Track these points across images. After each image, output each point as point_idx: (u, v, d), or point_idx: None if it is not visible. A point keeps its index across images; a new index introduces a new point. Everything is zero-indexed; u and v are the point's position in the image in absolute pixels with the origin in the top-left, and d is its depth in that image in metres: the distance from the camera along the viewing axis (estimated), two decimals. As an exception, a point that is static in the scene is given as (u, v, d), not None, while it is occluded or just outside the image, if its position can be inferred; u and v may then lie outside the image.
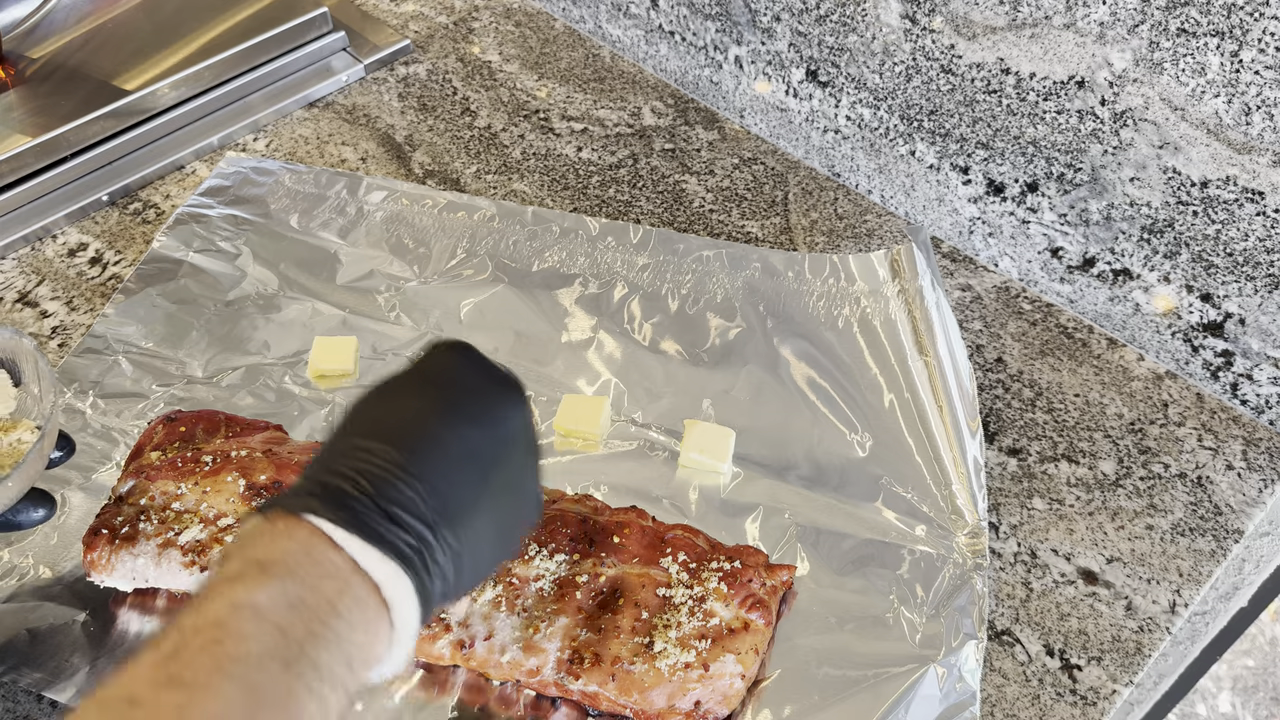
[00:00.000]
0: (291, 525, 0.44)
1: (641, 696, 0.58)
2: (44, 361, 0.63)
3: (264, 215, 0.89)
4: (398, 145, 0.97)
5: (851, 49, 0.85)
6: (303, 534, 0.44)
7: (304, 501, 0.45)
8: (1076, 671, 0.64)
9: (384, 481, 0.46)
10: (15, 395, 0.64)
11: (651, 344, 0.79)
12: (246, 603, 0.41)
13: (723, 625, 0.60)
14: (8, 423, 0.63)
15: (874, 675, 0.61)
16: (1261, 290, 0.71)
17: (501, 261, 0.85)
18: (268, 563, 0.43)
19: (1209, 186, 0.69)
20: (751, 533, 0.69)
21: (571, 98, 1.02)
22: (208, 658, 0.40)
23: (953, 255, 0.87)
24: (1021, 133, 0.78)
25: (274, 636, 0.41)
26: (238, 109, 1.00)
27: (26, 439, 0.62)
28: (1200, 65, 0.65)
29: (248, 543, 0.45)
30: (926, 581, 0.66)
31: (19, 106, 0.93)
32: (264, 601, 0.42)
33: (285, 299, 0.83)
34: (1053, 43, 0.72)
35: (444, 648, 0.60)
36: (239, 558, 0.44)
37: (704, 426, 0.72)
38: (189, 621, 0.41)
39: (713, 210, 0.91)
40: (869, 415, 0.74)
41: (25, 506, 0.61)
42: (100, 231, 0.90)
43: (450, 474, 0.48)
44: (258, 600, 0.42)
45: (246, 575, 0.42)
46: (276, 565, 0.43)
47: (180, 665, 0.40)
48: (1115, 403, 0.77)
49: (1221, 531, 0.70)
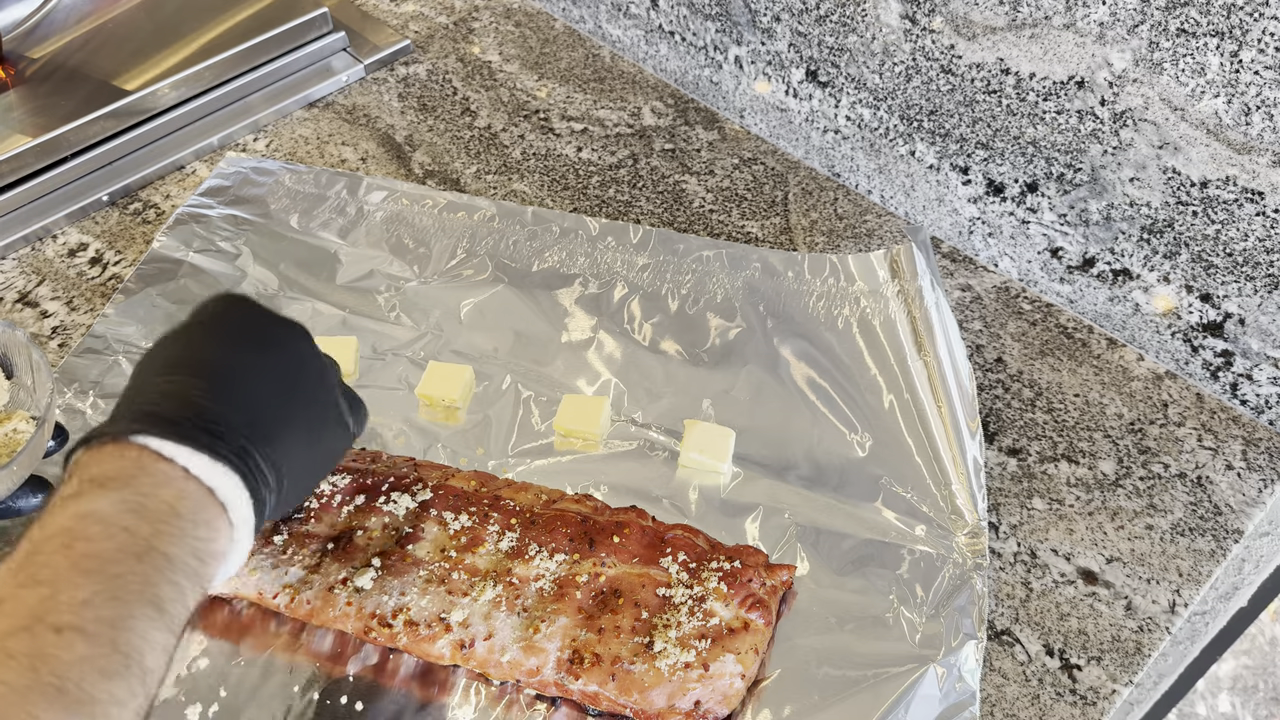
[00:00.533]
0: (120, 447, 0.47)
1: (641, 696, 0.58)
2: (39, 353, 0.64)
3: (264, 215, 0.89)
4: (398, 145, 0.97)
5: (851, 49, 0.85)
6: (132, 453, 0.47)
7: (126, 426, 0.48)
8: (1076, 671, 0.64)
9: (195, 403, 0.49)
10: (8, 388, 0.65)
11: (651, 344, 0.79)
12: (90, 511, 0.44)
13: (722, 625, 0.60)
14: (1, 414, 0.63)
15: (874, 675, 0.61)
16: (1261, 290, 0.71)
17: (501, 261, 0.85)
18: (103, 478, 0.46)
19: (1209, 186, 0.69)
20: (751, 533, 0.69)
21: (571, 98, 1.02)
22: (62, 558, 0.42)
23: (952, 255, 0.87)
24: (1021, 133, 0.78)
25: (122, 536, 0.43)
26: (238, 109, 1.00)
27: (22, 429, 0.63)
28: (1200, 65, 0.65)
29: (80, 468, 0.47)
30: (926, 581, 0.66)
31: (19, 106, 0.93)
32: (106, 509, 0.44)
33: (285, 299, 0.83)
34: (1052, 43, 0.72)
35: (444, 648, 0.60)
36: (75, 479, 0.46)
37: (704, 426, 0.72)
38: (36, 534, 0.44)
39: (713, 210, 0.91)
40: (869, 415, 0.74)
41: (24, 493, 0.63)
42: (100, 231, 0.90)
43: (252, 392, 0.52)
44: (100, 508, 0.44)
45: (84, 492, 0.45)
46: (112, 480, 0.45)
47: (36, 566, 0.42)
48: (1115, 403, 0.77)
49: (1221, 531, 0.70)
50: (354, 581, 0.62)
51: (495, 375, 0.77)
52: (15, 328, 0.65)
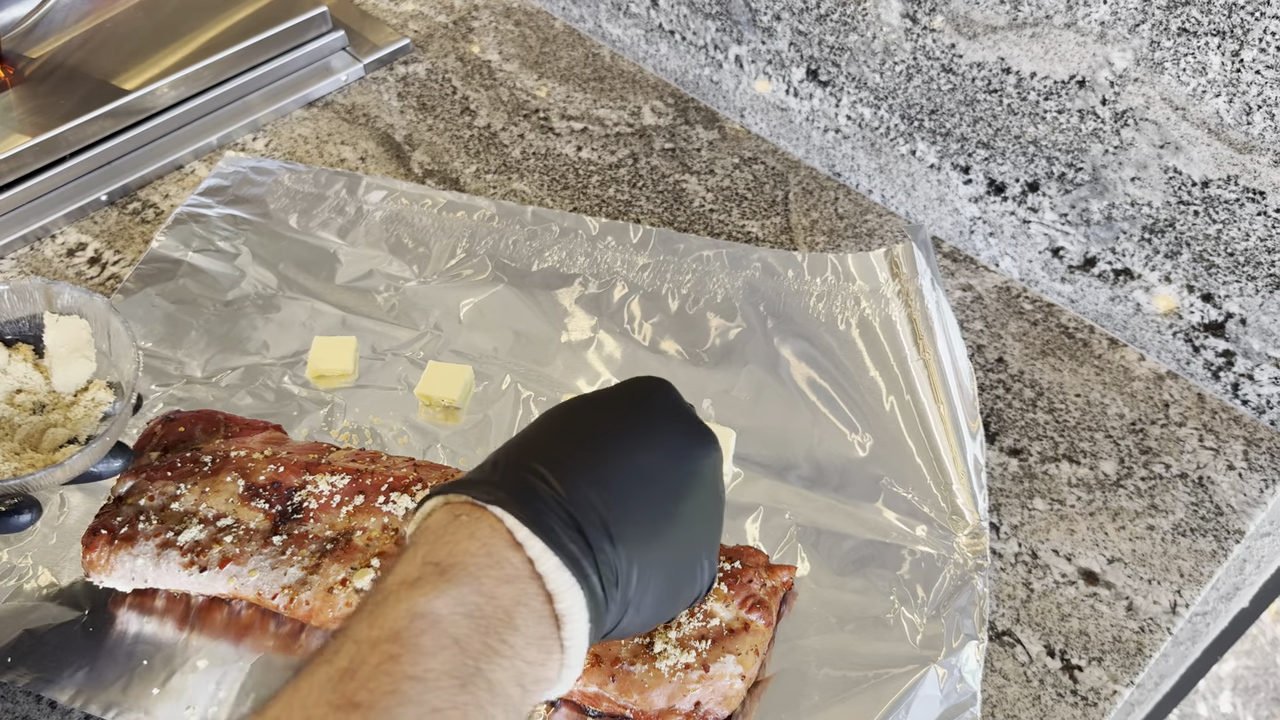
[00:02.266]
0: (474, 520, 0.43)
1: (641, 697, 0.58)
2: (119, 320, 0.64)
3: (263, 215, 0.89)
4: (397, 145, 0.97)
5: (852, 48, 0.85)
6: (484, 531, 0.42)
7: (491, 492, 0.43)
8: (1077, 672, 0.64)
9: (573, 485, 0.44)
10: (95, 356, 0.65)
11: (651, 344, 0.79)
12: (425, 612, 0.40)
13: (723, 626, 0.60)
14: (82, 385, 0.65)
15: (874, 676, 0.61)
16: (1263, 290, 0.71)
17: (501, 261, 0.85)
18: (447, 565, 0.41)
19: (1210, 186, 0.69)
20: (752, 533, 0.68)
21: (571, 97, 1.01)
22: (385, 677, 0.38)
23: (953, 255, 0.87)
24: (1022, 132, 0.77)
25: (451, 653, 0.39)
26: (237, 108, 0.99)
27: (101, 398, 0.64)
28: (1201, 65, 0.65)
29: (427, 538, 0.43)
30: (927, 582, 0.65)
31: (18, 106, 0.93)
32: (443, 611, 0.40)
33: (284, 299, 0.83)
34: (1054, 42, 0.72)
35: (443, 648, 0.60)
36: (417, 558, 0.42)
37: (704, 427, 0.72)
38: (365, 633, 0.40)
39: (713, 210, 0.91)
40: (869, 415, 0.74)
41: (105, 459, 0.62)
42: (99, 231, 0.90)
43: (638, 492, 0.46)
44: (436, 609, 0.40)
45: (425, 580, 0.41)
46: (456, 569, 0.41)
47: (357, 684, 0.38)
48: (1116, 403, 0.77)
49: (1223, 532, 0.70)
50: (353, 582, 0.62)
51: (495, 375, 0.77)
52: (94, 293, 0.65)
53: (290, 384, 0.77)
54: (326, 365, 0.77)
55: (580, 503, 0.44)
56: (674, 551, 0.47)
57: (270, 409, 0.75)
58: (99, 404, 0.64)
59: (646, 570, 0.46)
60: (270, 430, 0.70)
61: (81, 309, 0.66)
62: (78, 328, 0.65)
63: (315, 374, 0.77)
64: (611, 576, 0.44)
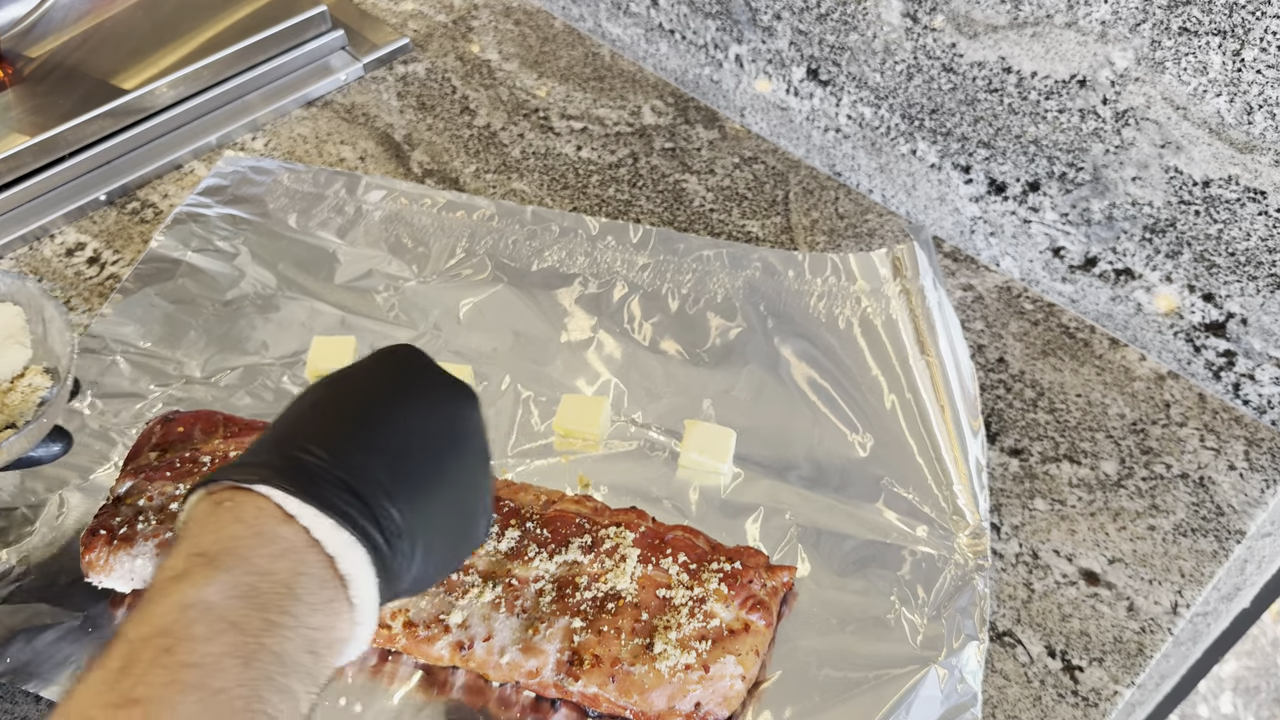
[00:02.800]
0: (238, 503, 0.42)
1: (641, 698, 0.58)
2: (54, 305, 0.64)
3: (262, 214, 0.89)
4: (396, 144, 0.97)
5: (852, 47, 0.84)
6: (250, 512, 0.42)
7: (254, 471, 0.43)
8: (1078, 673, 0.64)
9: (341, 451, 0.44)
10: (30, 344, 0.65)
11: (651, 344, 0.79)
12: (195, 602, 0.39)
13: (723, 626, 0.60)
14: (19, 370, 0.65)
15: (875, 676, 0.61)
16: (1264, 290, 0.71)
17: (501, 261, 0.85)
18: (214, 554, 0.41)
19: (1211, 186, 0.69)
20: (752, 533, 0.68)
21: (571, 96, 1.01)
22: (160, 670, 0.37)
23: (954, 255, 0.87)
24: (1023, 132, 0.77)
25: (229, 636, 0.38)
26: (236, 108, 0.99)
27: (38, 383, 0.64)
28: (1202, 64, 0.65)
29: (191, 531, 0.42)
30: (928, 582, 0.65)
31: (17, 106, 0.93)
32: (214, 598, 0.39)
33: (283, 298, 0.82)
34: (1054, 41, 0.72)
35: (443, 649, 0.60)
36: (182, 552, 0.41)
37: (704, 427, 0.72)
38: (134, 631, 0.39)
39: (713, 209, 0.91)
40: (870, 415, 0.74)
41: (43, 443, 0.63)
42: (98, 231, 0.90)
43: (408, 452, 0.46)
44: (207, 597, 0.39)
45: (192, 571, 0.40)
46: (224, 555, 0.41)
47: (132, 681, 0.37)
48: (1117, 403, 0.77)
49: (1223, 532, 0.70)
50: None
51: (494, 375, 0.77)
52: (26, 278, 0.65)
53: (290, 384, 0.77)
54: (326, 365, 0.76)
55: (350, 465, 0.44)
56: (451, 500, 0.48)
57: (270, 409, 0.75)
58: (35, 389, 0.64)
59: (428, 519, 0.46)
60: (269, 430, 0.70)
61: (14, 295, 0.66)
62: (11, 314, 0.65)
63: (315, 374, 0.77)
64: (395, 529, 0.44)
